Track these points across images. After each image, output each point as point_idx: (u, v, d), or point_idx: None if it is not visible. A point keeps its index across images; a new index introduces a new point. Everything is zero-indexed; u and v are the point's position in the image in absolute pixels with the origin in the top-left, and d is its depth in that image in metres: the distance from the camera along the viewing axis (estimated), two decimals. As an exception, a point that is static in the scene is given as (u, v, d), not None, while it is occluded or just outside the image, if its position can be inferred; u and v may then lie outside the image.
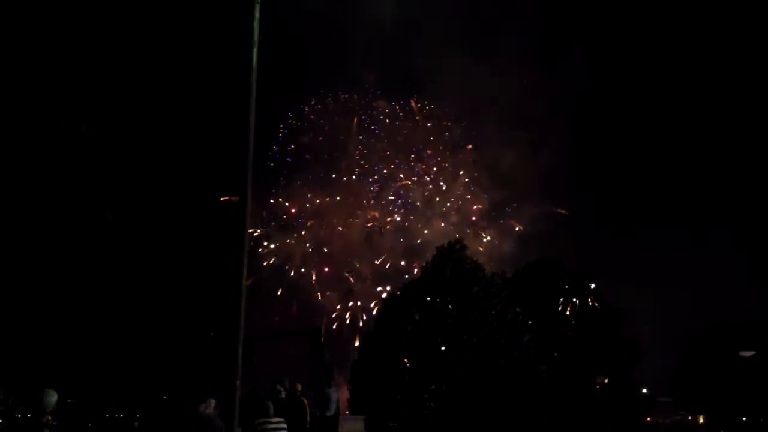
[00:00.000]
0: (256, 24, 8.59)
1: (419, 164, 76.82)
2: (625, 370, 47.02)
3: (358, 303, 69.81)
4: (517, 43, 74.57)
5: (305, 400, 16.07)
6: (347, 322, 69.28)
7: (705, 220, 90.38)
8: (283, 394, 15.89)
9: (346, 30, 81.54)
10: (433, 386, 36.50)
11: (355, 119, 78.41)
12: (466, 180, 76.55)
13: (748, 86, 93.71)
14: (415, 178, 76.26)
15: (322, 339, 22.12)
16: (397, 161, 76.75)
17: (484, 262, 48.67)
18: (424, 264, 45.01)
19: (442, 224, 71.80)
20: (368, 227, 73.93)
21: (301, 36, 71.54)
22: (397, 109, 79.38)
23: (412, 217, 74.03)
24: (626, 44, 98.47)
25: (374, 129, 78.61)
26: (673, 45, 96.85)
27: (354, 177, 76.01)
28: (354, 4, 75.39)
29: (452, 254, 41.14)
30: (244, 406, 12.68)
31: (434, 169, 76.95)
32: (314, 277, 71.24)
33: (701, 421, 69.17)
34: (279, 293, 70.14)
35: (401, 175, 76.49)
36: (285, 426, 12.94)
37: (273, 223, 72.41)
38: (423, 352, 37.06)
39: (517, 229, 73.65)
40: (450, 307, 38.46)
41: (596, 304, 48.39)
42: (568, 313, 47.25)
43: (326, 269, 72.10)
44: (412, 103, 79.16)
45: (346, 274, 71.25)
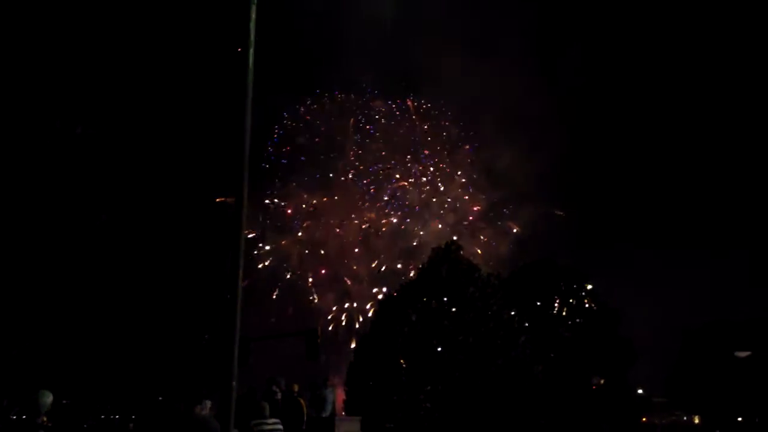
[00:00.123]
0: (252, 25, 8.58)
1: (416, 165, 76.76)
2: (620, 370, 47.07)
3: (354, 304, 69.71)
4: (514, 43, 74.77)
5: (302, 401, 16.06)
6: (343, 323, 69.24)
7: (703, 221, 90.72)
8: (279, 395, 15.87)
9: (343, 30, 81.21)
10: (429, 387, 36.46)
11: (352, 119, 78.23)
12: (464, 181, 76.54)
13: (747, 84, 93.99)
14: (412, 180, 76.17)
15: (318, 340, 22.13)
16: (393, 162, 76.62)
17: (481, 263, 48.73)
18: (420, 265, 44.97)
19: (440, 225, 71.70)
20: (363, 228, 73.86)
21: (297, 35, 71.39)
22: (393, 108, 79.16)
23: (408, 220, 73.92)
24: (625, 44, 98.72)
25: (369, 129, 78.25)
26: (671, 45, 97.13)
27: (350, 177, 75.86)
28: (351, 4, 75.33)
29: (448, 255, 41.13)
30: (240, 407, 12.68)
31: (431, 169, 76.90)
32: (310, 281, 71.12)
33: (697, 421, 69.34)
34: (275, 295, 70.08)
35: (397, 176, 76.37)
36: (281, 427, 12.93)
37: (268, 221, 72.06)
38: (419, 353, 37.03)
39: (515, 230, 73.64)
40: (446, 307, 38.45)
41: (592, 305, 48.45)
42: (564, 313, 47.29)
43: (323, 271, 71.97)
44: (409, 103, 79.07)
45: (345, 279, 71.14)
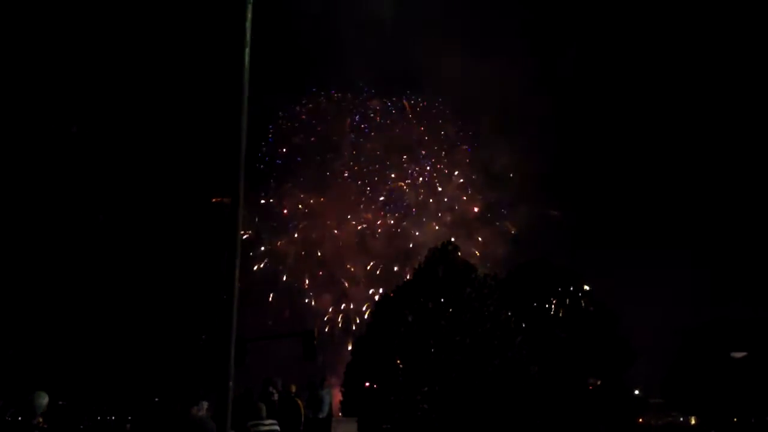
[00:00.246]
0: (248, 25, 8.55)
1: (413, 165, 76.68)
2: (617, 371, 47.11)
3: (351, 305, 69.64)
4: (512, 43, 74.84)
5: (299, 401, 16.03)
6: (340, 324, 69.16)
7: (702, 222, 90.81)
8: (276, 396, 15.85)
9: (340, 29, 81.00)
10: (426, 388, 36.45)
11: (348, 119, 78.01)
12: (461, 181, 76.51)
13: (745, 84, 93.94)
14: (409, 181, 76.08)
15: (315, 341, 22.09)
16: (388, 163, 76.48)
17: (478, 264, 48.72)
18: (416, 266, 44.92)
19: (436, 227, 71.64)
20: (360, 229, 73.76)
21: (293, 35, 71.11)
22: (390, 107, 79.04)
23: (405, 223, 73.77)
24: (622, 45, 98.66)
25: (365, 128, 78.04)
26: (670, 45, 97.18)
27: (347, 178, 75.69)
28: (349, 4, 75.14)
29: (445, 256, 41.12)
30: (237, 408, 12.65)
31: (428, 168, 76.84)
32: (307, 283, 70.96)
33: (693, 422, 69.44)
34: (272, 296, 69.93)
35: (393, 175, 76.26)
36: (278, 428, 12.89)
37: (264, 221, 71.86)
38: (416, 354, 37.01)
39: (513, 232, 73.59)
40: (443, 308, 38.42)
41: (589, 306, 48.46)
42: (560, 314, 47.29)
43: (319, 272, 71.85)
44: (405, 103, 78.96)
45: (342, 280, 71.03)
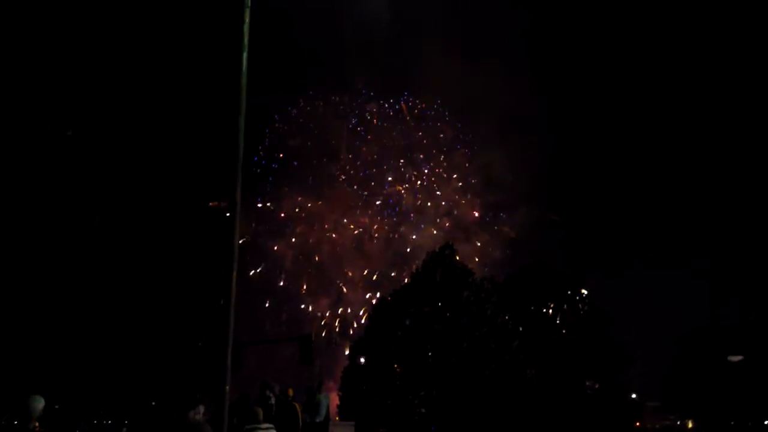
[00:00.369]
0: (246, 28, 8.55)
1: (410, 169, 76.61)
2: (614, 374, 47.13)
3: (349, 309, 69.51)
4: (509, 45, 74.69)
5: (297, 405, 15.99)
6: (337, 328, 69.02)
7: (699, 225, 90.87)
8: (273, 400, 15.81)
9: (338, 32, 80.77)
10: (423, 392, 36.38)
11: (345, 123, 77.90)
12: (460, 184, 76.46)
13: (743, 85, 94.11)
14: (407, 185, 76.02)
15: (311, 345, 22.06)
16: (385, 167, 76.41)
17: (475, 267, 48.67)
18: (414, 269, 44.85)
19: (434, 232, 71.52)
20: (357, 233, 73.66)
21: (290, 37, 70.90)
22: (387, 110, 78.91)
23: (403, 228, 73.67)
24: (621, 48, 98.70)
25: (360, 130, 77.95)
26: (667, 47, 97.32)
27: (344, 181, 75.57)
28: (346, 6, 75.00)
29: (443, 259, 41.05)
30: (234, 412, 12.59)
31: (426, 171, 76.79)
32: (304, 287, 70.81)
33: (690, 425, 69.45)
34: (269, 300, 69.76)
35: (390, 178, 76.19)
36: (274, 432, 12.82)
37: (261, 224, 71.66)
38: (413, 358, 36.95)
39: (512, 236, 73.45)
40: (440, 312, 38.37)
41: (586, 309, 48.48)
42: (558, 317, 47.31)
43: (316, 276, 71.69)
44: (403, 107, 78.90)
45: (339, 284, 70.88)
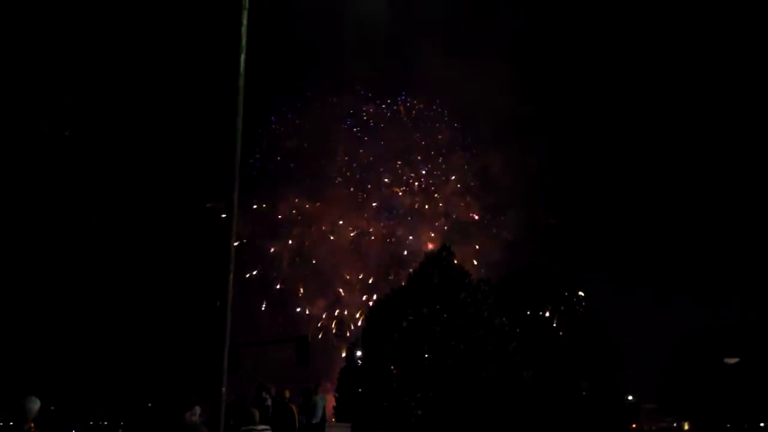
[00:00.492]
0: (243, 30, 8.56)
1: (408, 171, 76.59)
2: (610, 376, 47.17)
3: (345, 311, 69.51)
4: (509, 45, 74.47)
5: (293, 407, 15.97)
6: (333, 330, 68.96)
7: (696, 227, 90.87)
8: (269, 402, 15.78)
9: (335, 32, 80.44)
10: (419, 394, 36.37)
11: (342, 124, 77.83)
12: (458, 186, 76.51)
13: (740, 86, 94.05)
14: (405, 188, 75.99)
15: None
16: (381, 169, 76.34)
17: (472, 269, 48.69)
18: (410, 271, 44.86)
19: (432, 234, 71.55)
20: (355, 235, 73.59)
21: (287, 38, 70.63)
22: (385, 111, 78.88)
23: (400, 231, 73.61)
24: (620, 50, 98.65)
25: (356, 131, 77.89)
26: (665, 48, 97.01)
27: (341, 183, 75.53)
28: (344, 7, 74.74)
29: (440, 261, 41.04)
30: (230, 413, 12.57)
31: (423, 173, 76.81)
32: (301, 291, 70.74)
33: (686, 427, 69.54)
34: (265, 301, 69.72)
35: (386, 180, 76.16)
36: (270, 434, 12.81)
37: (257, 226, 71.50)
38: (410, 360, 36.95)
39: (509, 238, 73.46)
40: (437, 314, 38.37)
41: (582, 311, 48.53)
42: (554, 319, 47.34)
43: (313, 278, 71.62)
44: (401, 107, 78.88)
45: (336, 286, 70.85)
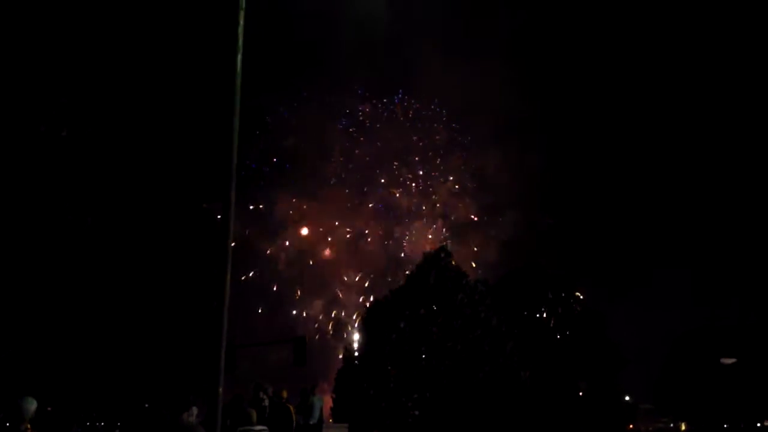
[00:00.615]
0: (240, 30, 8.54)
1: (405, 172, 76.59)
2: (608, 376, 47.21)
3: (343, 312, 69.50)
4: (507, 45, 74.47)
5: (291, 407, 15.98)
6: (331, 330, 68.97)
7: (694, 228, 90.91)
8: (266, 402, 15.79)
9: (337, 32, 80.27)
10: (417, 394, 36.40)
11: (339, 124, 77.81)
12: (456, 187, 76.53)
13: (739, 87, 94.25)
14: (402, 189, 75.99)
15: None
16: (377, 170, 76.36)
17: (470, 270, 48.76)
18: (407, 272, 44.95)
19: (429, 236, 71.53)
20: (352, 235, 73.62)
21: (284, 37, 70.26)
22: (382, 111, 78.89)
23: (397, 232, 73.63)
24: (619, 50, 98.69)
25: (353, 131, 77.88)
26: (663, 48, 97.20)
27: (337, 184, 75.49)
28: (342, 6, 74.57)
29: (437, 261, 41.09)
30: (227, 414, 12.57)
31: (421, 173, 76.83)
32: (298, 290, 70.73)
33: (683, 427, 69.68)
34: (262, 301, 69.65)
35: (382, 180, 76.17)
36: (268, 434, 12.82)
37: (254, 226, 71.43)
38: (407, 360, 36.98)
39: (506, 238, 73.50)
40: (434, 314, 38.41)
41: (580, 311, 48.56)
42: (551, 320, 47.35)
43: (310, 278, 71.60)
44: (398, 107, 78.92)
45: (333, 287, 70.85)
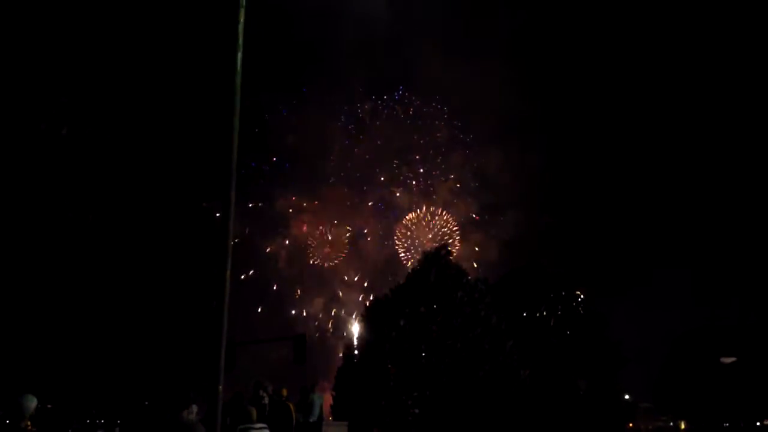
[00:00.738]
0: (240, 28, 8.52)
1: (405, 171, 76.60)
2: (607, 375, 47.19)
3: (342, 311, 69.55)
4: (508, 45, 74.47)
5: (291, 405, 15.98)
6: (331, 329, 69.06)
7: (694, 228, 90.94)
8: (266, 400, 15.79)
9: (337, 31, 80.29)
10: (416, 392, 36.41)
11: (339, 123, 77.79)
12: (457, 185, 76.54)
13: (738, 87, 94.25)
14: (402, 188, 76.00)
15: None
16: (377, 169, 76.36)
17: (470, 269, 48.80)
18: (408, 270, 44.97)
19: (429, 236, 71.50)
20: (351, 234, 73.64)
21: (284, 35, 70.31)
22: (381, 107, 78.89)
23: (396, 234, 73.60)
24: (618, 50, 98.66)
25: (352, 128, 77.85)
26: (663, 48, 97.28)
27: (337, 182, 75.54)
28: (342, 6, 74.56)
29: (438, 260, 41.08)
30: (227, 412, 12.56)
31: (421, 172, 76.85)
32: (298, 290, 70.75)
33: (683, 426, 69.74)
34: (262, 299, 69.70)
35: (382, 178, 76.21)
36: (268, 432, 12.80)
37: (254, 225, 71.46)
38: (407, 358, 36.99)
39: (506, 237, 73.48)
40: (434, 313, 38.40)
41: (580, 310, 48.53)
42: (551, 318, 47.35)
43: (309, 277, 71.67)
44: (398, 107, 78.91)
45: (333, 285, 70.90)
